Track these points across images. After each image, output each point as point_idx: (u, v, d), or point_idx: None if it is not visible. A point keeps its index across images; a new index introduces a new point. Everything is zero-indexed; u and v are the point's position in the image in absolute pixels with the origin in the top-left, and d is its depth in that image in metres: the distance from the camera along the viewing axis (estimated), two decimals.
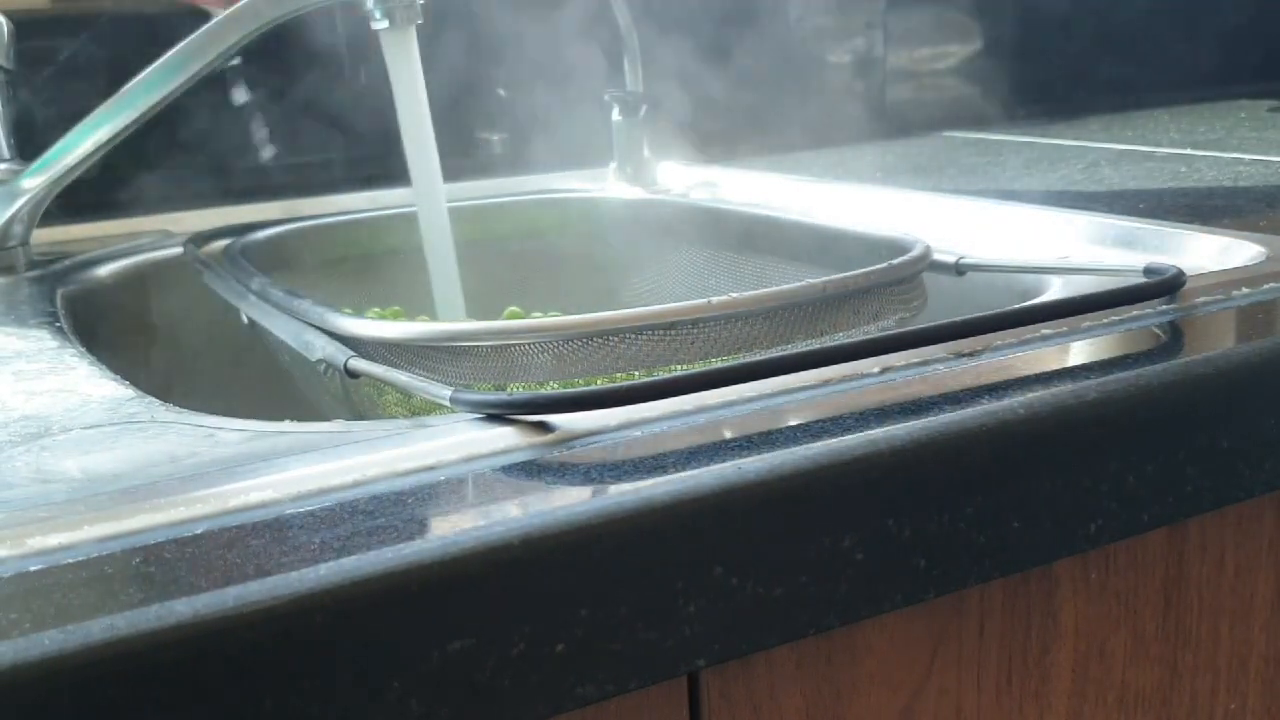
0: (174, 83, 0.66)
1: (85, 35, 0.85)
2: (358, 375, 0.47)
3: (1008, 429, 0.38)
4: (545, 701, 0.31)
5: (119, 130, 0.68)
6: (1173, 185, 0.80)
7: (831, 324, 0.49)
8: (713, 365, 0.43)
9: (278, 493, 0.34)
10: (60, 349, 0.52)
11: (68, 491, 0.35)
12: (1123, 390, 0.40)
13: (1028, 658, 0.43)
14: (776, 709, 0.39)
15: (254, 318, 0.57)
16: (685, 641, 0.33)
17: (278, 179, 0.90)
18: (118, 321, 0.71)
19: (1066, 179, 0.85)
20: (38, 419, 0.42)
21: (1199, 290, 0.50)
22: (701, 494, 0.33)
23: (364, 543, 0.30)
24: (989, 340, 0.44)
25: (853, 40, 1.18)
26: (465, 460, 0.36)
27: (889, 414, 0.38)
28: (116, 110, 0.67)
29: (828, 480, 0.35)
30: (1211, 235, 0.62)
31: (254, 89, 0.90)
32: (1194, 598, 0.47)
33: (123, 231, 0.81)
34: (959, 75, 1.25)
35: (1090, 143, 1.03)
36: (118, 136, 0.68)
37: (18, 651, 0.26)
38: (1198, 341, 0.45)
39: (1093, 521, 0.40)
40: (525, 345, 0.45)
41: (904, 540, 0.36)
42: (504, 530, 0.31)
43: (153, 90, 0.67)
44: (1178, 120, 1.15)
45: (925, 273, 0.54)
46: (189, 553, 0.30)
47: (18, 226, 0.71)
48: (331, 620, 0.28)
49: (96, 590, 0.29)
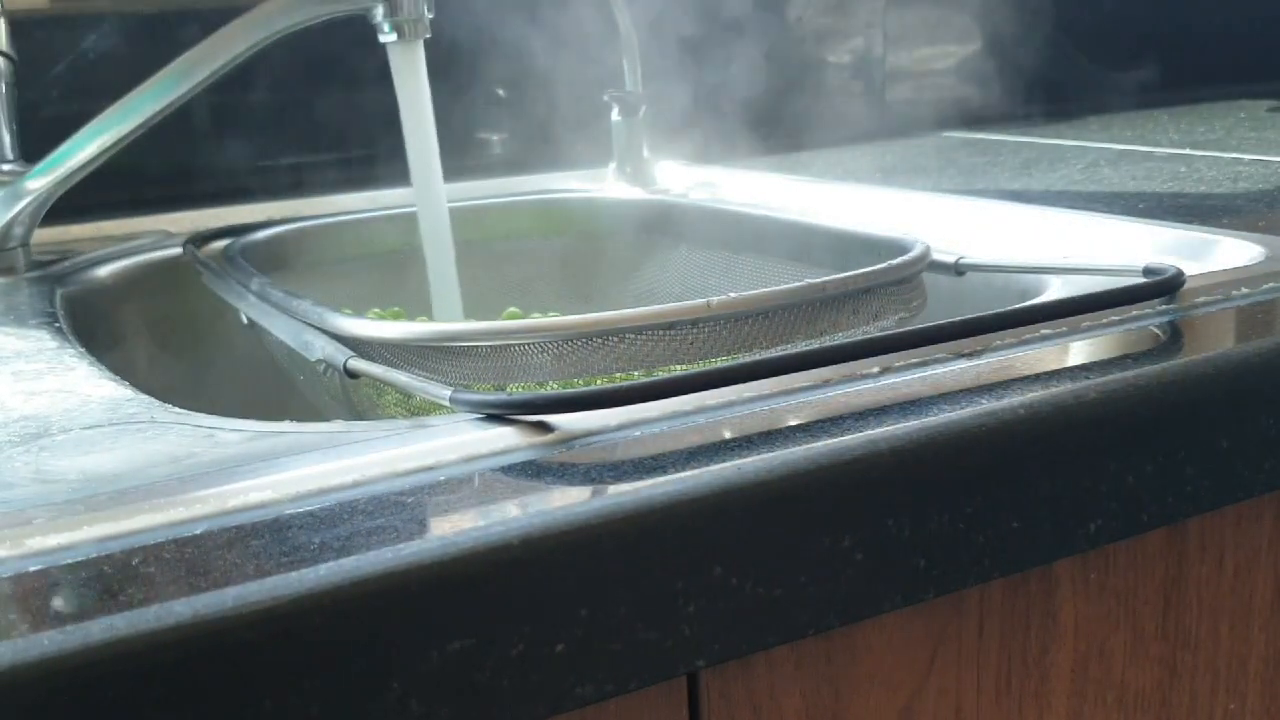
0: (181, 89, 0.66)
1: (89, 36, 0.85)
2: (357, 375, 0.47)
3: (1007, 429, 0.38)
4: (545, 701, 0.31)
5: (124, 135, 0.68)
6: (1172, 185, 0.80)
7: (831, 324, 0.49)
8: (712, 365, 0.43)
9: (277, 493, 0.34)
10: (60, 349, 0.52)
11: (67, 492, 0.35)
12: (1122, 390, 0.40)
13: (1027, 658, 0.43)
14: (776, 709, 0.39)
15: (253, 318, 0.57)
16: (685, 641, 0.33)
17: (278, 179, 0.90)
18: (117, 322, 0.71)
19: (1066, 179, 0.85)
20: (37, 419, 0.42)
21: (1198, 290, 0.50)
22: (701, 494, 0.33)
23: (364, 543, 0.30)
24: (988, 340, 0.44)
25: (852, 40, 1.18)
26: (465, 460, 0.36)
27: (888, 414, 0.38)
28: (123, 115, 0.67)
29: (827, 480, 0.35)
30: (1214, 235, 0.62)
31: (256, 89, 0.90)
32: (1193, 598, 0.47)
33: (122, 232, 0.81)
34: (959, 75, 1.25)
35: (1090, 143, 1.03)
36: (123, 141, 0.68)
37: (17, 652, 0.26)
38: (1197, 341, 0.45)
39: (1092, 521, 0.40)
40: (525, 345, 0.45)
41: (903, 540, 0.36)
42: (504, 530, 0.31)
43: (159, 96, 0.67)
44: (1177, 120, 1.15)
45: (925, 273, 0.54)
46: (188, 553, 0.30)
47: (19, 228, 0.71)
48: (331, 620, 0.28)
49: (96, 590, 0.29)
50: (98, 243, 0.78)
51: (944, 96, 1.24)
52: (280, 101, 0.89)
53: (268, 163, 0.91)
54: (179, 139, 0.88)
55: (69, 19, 0.84)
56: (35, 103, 0.81)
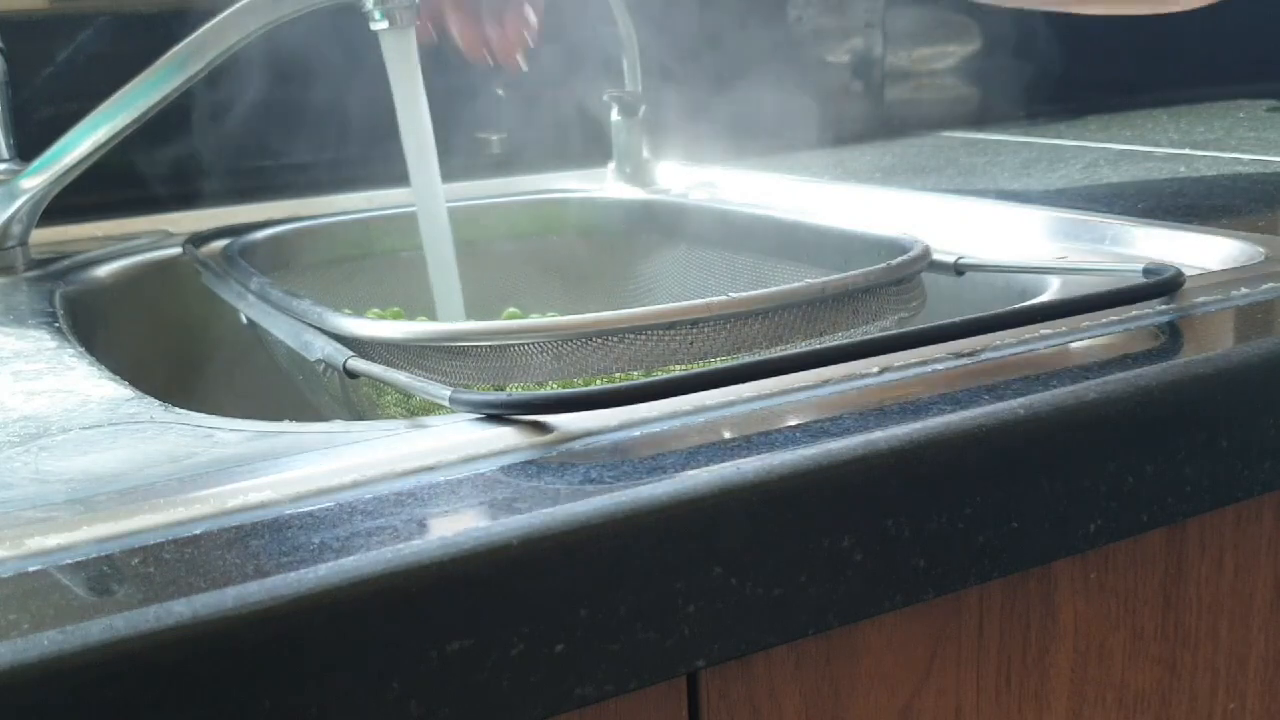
0: (174, 82, 0.66)
1: (84, 35, 0.85)
2: (357, 375, 0.47)
3: (1006, 429, 0.38)
4: (544, 702, 0.31)
5: (119, 129, 0.68)
6: (1172, 185, 0.80)
7: (830, 324, 0.49)
8: (711, 365, 0.43)
9: (277, 493, 0.34)
10: (59, 349, 0.52)
11: (66, 492, 0.35)
12: (1122, 390, 0.40)
13: (1027, 657, 0.43)
14: (776, 709, 0.39)
15: (253, 318, 0.57)
16: (684, 642, 0.33)
17: (277, 179, 0.90)
18: (116, 322, 0.71)
19: (1066, 179, 0.85)
20: (36, 419, 0.42)
21: (1198, 290, 0.50)
22: (700, 494, 0.33)
23: (363, 543, 0.30)
24: (988, 340, 0.44)
25: (851, 40, 1.18)
26: (464, 460, 0.36)
27: (888, 414, 0.38)
28: (116, 110, 0.67)
29: (827, 480, 0.35)
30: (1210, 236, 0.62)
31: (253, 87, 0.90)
32: (1193, 597, 0.47)
33: (122, 232, 0.81)
34: (958, 75, 1.25)
35: (1089, 143, 1.03)
36: (118, 136, 0.68)
37: (16, 653, 0.26)
38: (1197, 341, 0.45)
39: (1092, 521, 0.40)
40: (524, 345, 0.45)
41: (903, 540, 0.36)
42: (503, 530, 0.31)
43: (152, 90, 0.67)
44: (1176, 120, 1.15)
45: (924, 273, 0.54)
46: (188, 553, 0.30)
47: (16, 226, 0.71)
48: (330, 620, 0.28)
49: (95, 591, 0.29)
50: (97, 242, 0.78)
51: (943, 96, 1.24)
52: (279, 101, 0.89)
53: (268, 162, 0.91)
54: (178, 138, 0.88)
55: (67, 19, 0.84)
56: (32, 102, 0.81)
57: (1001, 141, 1.08)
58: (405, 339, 0.47)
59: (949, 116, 1.23)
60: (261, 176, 0.90)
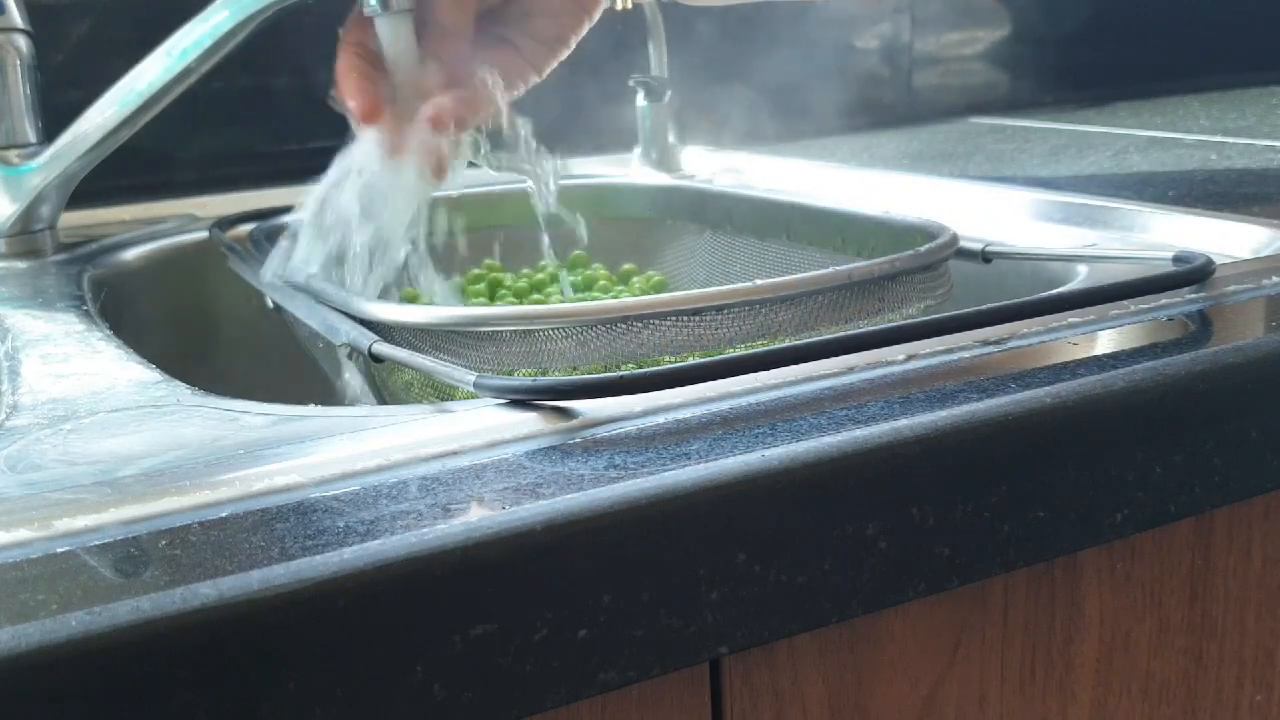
0: (195, 58, 0.66)
1: (104, 15, 0.85)
2: (382, 360, 0.47)
3: (1033, 418, 0.38)
4: (567, 687, 0.32)
5: (143, 106, 0.67)
6: (1203, 173, 0.79)
7: (857, 311, 0.49)
8: (737, 352, 0.43)
9: (302, 476, 0.34)
10: (87, 332, 0.53)
11: (94, 474, 0.35)
12: (1150, 379, 0.40)
13: (1052, 648, 0.43)
14: (799, 696, 0.39)
15: (279, 302, 0.57)
16: (707, 628, 0.33)
17: (304, 163, 0.90)
18: (144, 305, 0.71)
19: (1095, 165, 0.84)
20: (65, 402, 0.42)
21: (1228, 278, 0.50)
22: (725, 481, 0.33)
23: (388, 527, 0.30)
24: (1015, 328, 0.44)
25: (879, 25, 1.17)
26: (489, 445, 0.36)
27: (914, 402, 0.38)
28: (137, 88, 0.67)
29: (851, 468, 0.35)
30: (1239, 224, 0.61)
31: (281, 72, 0.90)
32: (1220, 588, 0.46)
33: (149, 215, 0.81)
34: (986, 60, 1.24)
35: (1119, 129, 1.02)
36: (143, 112, 0.68)
37: (45, 633, 0.26)
38: (1226, 330, 0.45)
39: (1119, 511, 0.40)
40: (549, 330, 0.45)
41: (928, 529, 0.36)
42: (527, 515, 0.31)
43: (174, 67, 0.66)
44: (1208, 107, 1.14)
45: (951, 260, 0.54)
46: (214, 536, 0.31)
47: (45, 208, 0.72)
48: (355, 604, 0.29)
49: (122, 573, 0.29)
50: (124, 226, 0.78)
51: (971, 82, 1.23)
52: (305, 85, 0.89)
53: (294, 146, 0.91)
54: (205, 123, 0.89)
55: (93, 2, 0.85)
56: (58, 85, 0.81)
57: (1030, 128, 1.07)
58: (430, 323, 0.47)
59: (977, 102, 1.22)
60: (288, 161, 0.90)
